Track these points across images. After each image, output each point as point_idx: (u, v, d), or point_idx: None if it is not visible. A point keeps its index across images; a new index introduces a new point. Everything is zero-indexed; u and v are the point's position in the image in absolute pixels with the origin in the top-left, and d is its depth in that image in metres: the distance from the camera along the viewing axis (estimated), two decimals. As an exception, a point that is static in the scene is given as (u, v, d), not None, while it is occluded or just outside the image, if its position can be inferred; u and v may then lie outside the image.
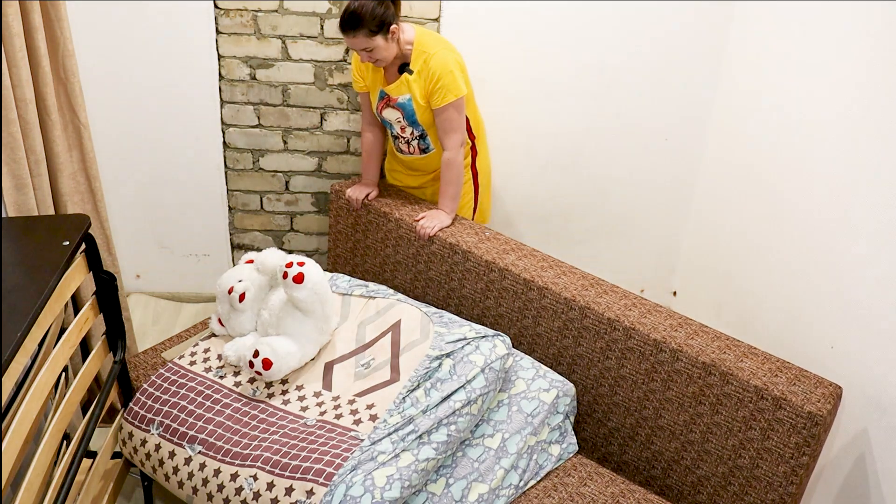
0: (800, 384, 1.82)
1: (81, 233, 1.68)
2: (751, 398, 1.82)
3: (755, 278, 2.54)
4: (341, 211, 2.66)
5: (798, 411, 1.75)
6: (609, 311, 2.06)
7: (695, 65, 2.79)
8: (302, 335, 2.01)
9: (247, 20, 2.66)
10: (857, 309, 1.97)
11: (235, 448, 1.81)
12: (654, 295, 3.27)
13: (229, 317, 2.14)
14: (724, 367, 1.86)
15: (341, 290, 2.30)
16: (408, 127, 2.47)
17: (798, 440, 1.76)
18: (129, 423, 1.96)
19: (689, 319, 2.05)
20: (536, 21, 2.70)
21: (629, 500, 1.90)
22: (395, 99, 2.41)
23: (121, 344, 1.93)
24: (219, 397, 1.98)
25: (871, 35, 1.96)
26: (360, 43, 2.23)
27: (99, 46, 2.63)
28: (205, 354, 2.14)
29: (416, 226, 2.40)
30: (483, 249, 2.31)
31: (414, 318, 2.12)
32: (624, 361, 2.02)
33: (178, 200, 2.97)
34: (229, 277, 2.16)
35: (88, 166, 2.28)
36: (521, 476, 1.89)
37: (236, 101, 2.80)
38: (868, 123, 1.96)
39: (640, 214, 3.08)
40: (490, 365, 1.94)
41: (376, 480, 1.66)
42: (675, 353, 1.93)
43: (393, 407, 1.87)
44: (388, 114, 2.48)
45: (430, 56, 2.30)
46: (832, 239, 2.10)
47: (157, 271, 3.11)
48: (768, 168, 2.47)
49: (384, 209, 2.53)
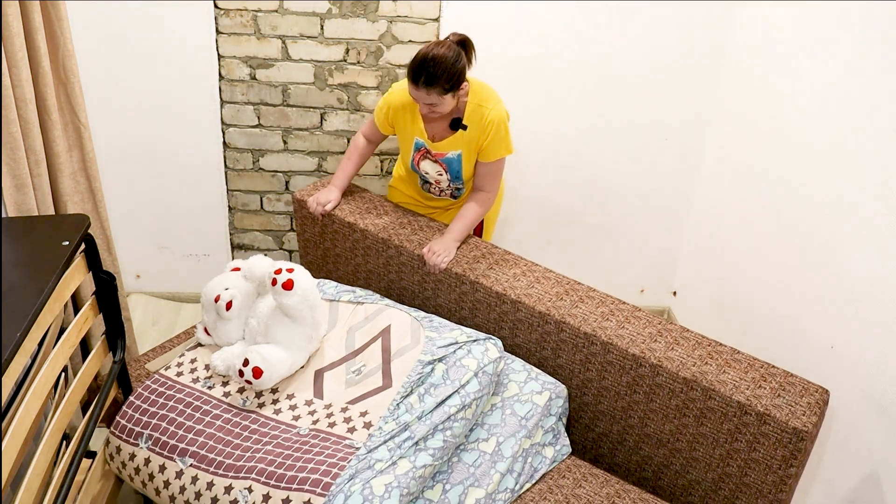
0: (785, 394, 1.77)
1: (81, 233, 1.67)
2: (734, 412, 1.78)
3: (755, 278, 2.53)
4: (306, 220, 2.54)
5: (783, 427, 1.71)
6: (585, 324, 1.99)
7: (695, 65, 2.79)
8: (291, 342, 1.98)
9: (247, 20, 2.66)
10: (857, 309, 1.97)
11: (228, 460, 1.78)
12: (654, 295, 3.27)
13: (216, 326, 2.09)
14: (705, 383, 1.81)
15: (329, 295, 2.25)
16: (446, 181, 2.38)
17: (785, 453, 1.73)
18: (116, 438, 1.90)
19: (669, 325, 2.00)
20: (536, 21, 2.70)
21: (625, 500, 1.89)
22: (441, 154, 2.30)
23: (120, 344, 1.92)
24: (208, 408, 1.93)
25: (871, 35, 1.96)
26: (428, 98, 2.09)
27: (99, 46, 2.63)
28: (191, 365, 2.09)
29: (425, 258, 2.24)
30: (453, 259, 2.24)
31: (404, 322, 2.09)
32: (605, 374, 1.99)
33: (178, 200, 2.97)
34: (215, 285, 2.09)
35: (88, 166, 2.28)
36: (516, 479, 1.88)
37: (236, 101, 2.80)
38: (868, 123, 1.96)
39: (641, 214, 3.08)
40: (483, 369, 1.92)
41: (374, 489, 1.64)
42: (654, 367, 1.88)
43: (388, 414, 1.84)
44: (426, 166, 2.36)
45: (488, 110, 2.18)
46: (832, 239, 2.10)
47: (157, 271, 3.11)
48: (768, 168, 2.47)
49: (348, 219, 2.40)
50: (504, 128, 2.21)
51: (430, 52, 2.05)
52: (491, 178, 2.31)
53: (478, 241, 2.34)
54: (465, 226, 2.28)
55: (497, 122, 2.19)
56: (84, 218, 1.74)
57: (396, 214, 2.43)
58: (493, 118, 2.19)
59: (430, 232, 2.34)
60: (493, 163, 2.27)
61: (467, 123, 2.22)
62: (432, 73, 2.04)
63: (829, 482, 2.05)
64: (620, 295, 3.31)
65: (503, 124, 2.20)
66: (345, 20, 2.67)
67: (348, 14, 2.66)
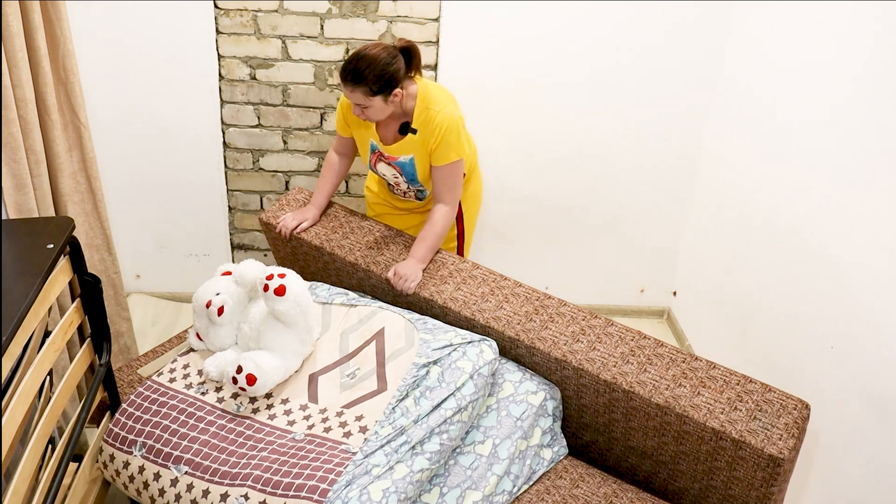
0: (761, 415, 1.71)
1: (66, 236, 1.64)
2: (710, 437, 1.74)
3: (755, 278, 2.53)
4: (277, 241, 2.46)
5: (759, 454, 1.67)
6: (555, 347, 1.94)
7: (695, 65, 2.79)
8: (285, 348, 1.96)
9: (247, 20, 2.66)
10: (858, 309, 1.97)
11: (223, 467, 1.75)
12: (654, 295, 3.27)
13: (208, 331, 2.07)
14: (678, 409, 1.76)
15: (321, 298, 2.21)
16: (404, 183, 2.35)
17: (764, 475, 1.70)
18: (109, 446, 1.87)
19: (642, 341, 1.93)
20: (536, 21, 2.70)
21: (622, 499, 1.89)
22: (394, 158, 2.26)
23: (106, 347, 1.89)
24: (202, 415, 1.91)
25: (871, 35, 1.96)
26: (355, 98, 2.07)
27: (99, 46, 2.63)
28: (184, 370, 2.06)
29: (392, 282, 2.18)
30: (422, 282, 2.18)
31: (398, 325, 2.07)
32: (581, 394, 1.96)
33: (178, 200, 2.97)
34: (206, 291, 2.07)
35: (88, 166, 2.28)
36: (514, 482, 1.87)
37: (236, 101, 2.80)
38: (868, 123, 1.96)
39: (640, 214, 3.08)
40: (478, 371, 1.91)
41: (372, 495, 1.63)
42: (627, 393, 1.84)
43: (383, 418, 1.82)
44: (382, 169, 2.34)
45: (435, 113, 2.13)
46: (832, 239, 2.10)
47: (157, 271, 3.11)
48: (768, 168, 2.47)
49: (315, 242, 2.34)
50: (453, 131, 2.14)
51: (362, 51, 2.04)
52: (447, 187, 2.23)
53: (444, 256, 2.27)
54: (427, 248, 2.21)
55: (445, 125, 2.12)
56: (69, 221, 1.71)
57: (362, 233, 2.36)
58: (440, 121, 2.13)
59: (396, 250, 2.28)
60: (445, 167, 2.19)
61: (416, 127, 2.17)
62: (359, 71, 2.02)
63: (828, 482, 2.05)
64: (620, 295, 3.34)
65: (453, 127, 2.13)
66: (345, 20, 2.67)
67: (348, 14, 2.66)
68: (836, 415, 2.03)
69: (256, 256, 3.10)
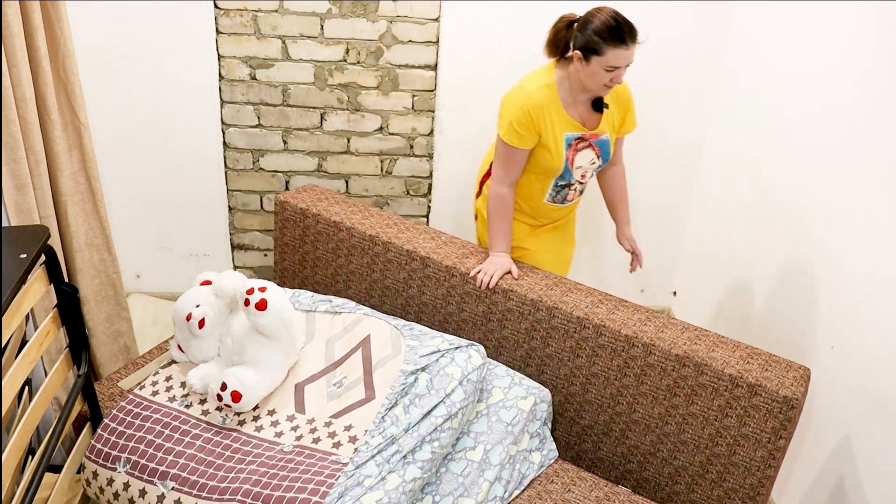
0: (772, 369, 1.86)
1: (40, 245, 1.59)
2: (726, 386, 1.85)
3: (755, 278, 2.53)
4: (287, 223, 2.50)
5: (774, 396, 1.79)
6: (577, 309, 2.04)
7: (695, 65, 2.79)
8: (269, 361, 1.93)
9: (247, 20, 2.66)
10: (857, 309, 1.97)
11: (211, 482, 1.71)
12: (654, 295, 3.27)
13: (189, 343, 2.03)
14: (697, 358, 1.88)
15: (305, 306, 2.18)
16: (596, 168, 2.25)
17: (775, 424, 1.80)
18: (92, 462, 1.81)
19: (655, 314, 2.06)
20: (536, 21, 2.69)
21: (613, 502, 1.90)
22: (596, 136, 2.17)
23: (84, 357, 1.83)
24: (187, 428, 1.86)
25: (871, 35, 1.96)
26: (629, 56, 1.98)
27: (99, 46, 2.63)
28: (167, 383, 2.01)
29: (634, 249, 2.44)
30: (442, 255, 2.24)
31: (384, 332, 2.04)
32: (595, 359, 2.01)
33: (178, 200, 2.97)
34: (185, 303, 2.02)
35: (88, 166, 2.28)
36: (505, 487, 1.86)
37: (236, 101, 2.80)
38: (868, 123, 1.96)
39: (640, 214, 3.08)
40: (467, 377, 1.89)
41: None
42: (647, 347, 1.94)
43: (373, 427, 1.79)
44: (582, 159, 2.18)
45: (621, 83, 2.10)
46: (832, 239, 2.10)
47: (157, 271, 3.11)
48: (768, 168, 2.47)
49: (334, 219, 2.39)
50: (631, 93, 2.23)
51: (615, 13, 1.97)
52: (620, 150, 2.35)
53: (464, 242, 2.31)
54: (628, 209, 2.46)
55: (629, 91, 2.21)
56: (43, 229, 1.66)
57: (382, 216, 2.43)
58: (627, 90, 2.21)
59: (416, 232, 2.35)
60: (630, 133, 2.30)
61: (608, 102, 2.18)
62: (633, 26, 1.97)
63: (828, 482, 2.05)
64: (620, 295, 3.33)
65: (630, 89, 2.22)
66: (345, 20, 2.67)
67: (348, 14, 2.66)
68: (836, 415, 2.03)
69: (256, 256, 3.10)
